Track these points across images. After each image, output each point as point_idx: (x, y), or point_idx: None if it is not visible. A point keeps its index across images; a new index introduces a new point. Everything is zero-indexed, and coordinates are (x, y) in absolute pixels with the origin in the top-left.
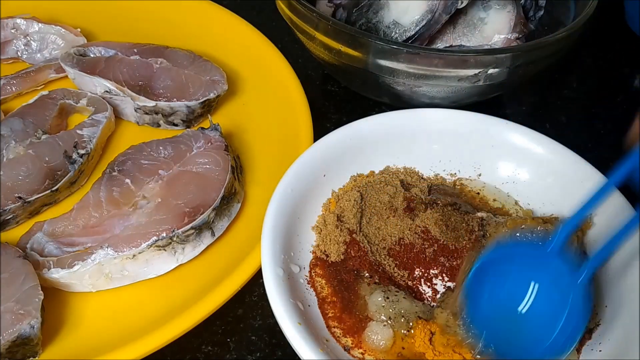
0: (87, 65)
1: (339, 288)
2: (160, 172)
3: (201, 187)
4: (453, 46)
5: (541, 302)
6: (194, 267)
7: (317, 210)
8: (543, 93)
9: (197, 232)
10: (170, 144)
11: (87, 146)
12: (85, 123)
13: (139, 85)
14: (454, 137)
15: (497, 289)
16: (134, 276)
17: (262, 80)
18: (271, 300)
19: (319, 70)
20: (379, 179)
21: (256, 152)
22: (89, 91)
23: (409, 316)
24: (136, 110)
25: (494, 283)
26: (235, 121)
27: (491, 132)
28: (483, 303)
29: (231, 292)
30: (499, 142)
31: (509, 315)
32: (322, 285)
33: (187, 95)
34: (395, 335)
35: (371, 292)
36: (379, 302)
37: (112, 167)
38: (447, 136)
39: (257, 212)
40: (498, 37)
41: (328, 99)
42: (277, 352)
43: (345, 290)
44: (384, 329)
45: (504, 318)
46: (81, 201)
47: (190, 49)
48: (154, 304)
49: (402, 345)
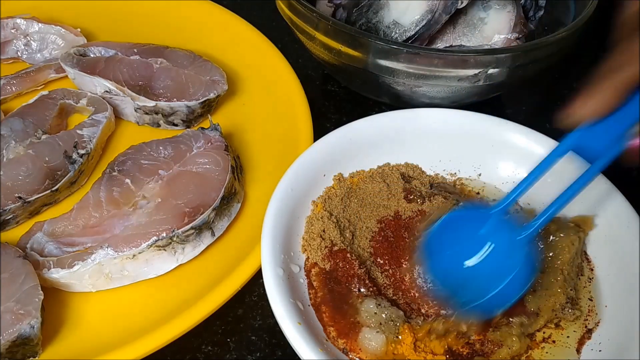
0: (87, 65)
1: (330, 296)
2: (160, 172)
3: (201, 187)
4: (453, 46)
5: (489, 258)
6: (194, 267)
7: None
8: (543, 93)
9: (197, 232)
10: (170, 144)
11: (87, 146)
12: (85, 123)
13: (139, 85)
14: (454, 137)
15: (451, 246)
16: (134, 276)
17: (262, 80)
18: (271, 300)
19: (319, 70)
20: (377, 172)
21: (256, 152)
22: (89, 91)
23: (397, 320)
24: (136, 110)
25: (448, 240)
26: (235, 121)
27: (491, 132)
28: (440, 259)
29: (231, 292)
30: (499, 142)
31: (462, 269)
32: (317, 287)
33: (187, 95)
34: (387, 340)
35: (361, 301)
36: (371, 309)
37: (112, 167)
38: (447, 136)
39: (257, 212)
40: (498, 37)
41: (328, 99)
42: (277, 352)
43: (337, 299)
44: (377, 335)
45: (458, 272)
46: (81, 201)
47: (190, 49)
48: (154, 304)
49: (392, 350)
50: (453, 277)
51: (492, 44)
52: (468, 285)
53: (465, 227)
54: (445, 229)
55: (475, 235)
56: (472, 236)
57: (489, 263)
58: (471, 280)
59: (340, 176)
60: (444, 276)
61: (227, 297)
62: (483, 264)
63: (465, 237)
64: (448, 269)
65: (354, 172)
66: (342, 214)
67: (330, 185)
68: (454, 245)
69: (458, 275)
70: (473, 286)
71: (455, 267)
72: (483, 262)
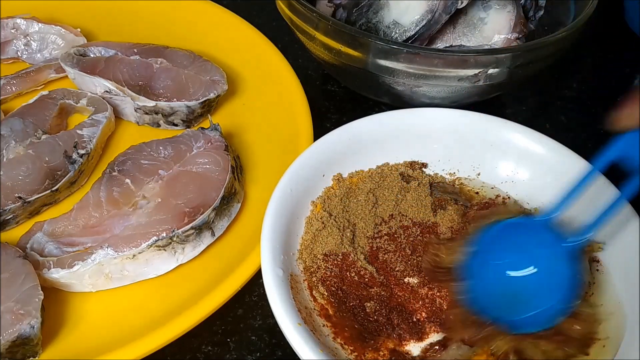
0: (87, 65)
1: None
2: (160, 172)
3: (201, 187)
4: (453, 46)
5: (539, 269)
6: (194, 267)
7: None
8: (543, 93)
9: (197, 232)
10: (170, 144)
11: (87, 146)
12: (85, 123)
13: (139, 85)
14: (453, 136)
15: (494, 265)
16: (133, 276)
17: (262, 80)
18: (271, 301)
19: (319, 70)
20: (376, 172)
21: (256, 152)
22: (89, 91)
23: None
24: (136, 110)
25: (490, 259)
26: (235, 121)
27: (491, 132)
28: (482, 279)
29: (231, 292)
30: (498, 141)
31: (507, 285)
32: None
33: (187, 95)
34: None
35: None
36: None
37: (112, 167)
38: (447, 136)
39: (257, 212)
40: (498, 37)
41: (328, 99)
42: (277, 352)
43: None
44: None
45: (502, 289)
46: (81, 201)
47: (190, 49)
48: (153, 304)
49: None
50: (499, 290)
51: (492, 44)
52: (516, 298)
53: (511, 238)
54: (490, 241)
55: (523, 246)
56: (519, 247)
57: (538, 275)
58: (519, 293)
59: (340, 176)
60: (488, 290)
61: (227, 297)
62: (532, 276)
63: (512, 248)
64: (494, 282)
65: (353, 172)
66: (341, 215)
67: (330, 186)
68: (499, 257)
69: (505, 288)
70: (521, 299)
71: (502, 279)
72: (532, 275)
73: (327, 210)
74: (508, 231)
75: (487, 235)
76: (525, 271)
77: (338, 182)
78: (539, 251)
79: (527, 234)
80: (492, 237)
